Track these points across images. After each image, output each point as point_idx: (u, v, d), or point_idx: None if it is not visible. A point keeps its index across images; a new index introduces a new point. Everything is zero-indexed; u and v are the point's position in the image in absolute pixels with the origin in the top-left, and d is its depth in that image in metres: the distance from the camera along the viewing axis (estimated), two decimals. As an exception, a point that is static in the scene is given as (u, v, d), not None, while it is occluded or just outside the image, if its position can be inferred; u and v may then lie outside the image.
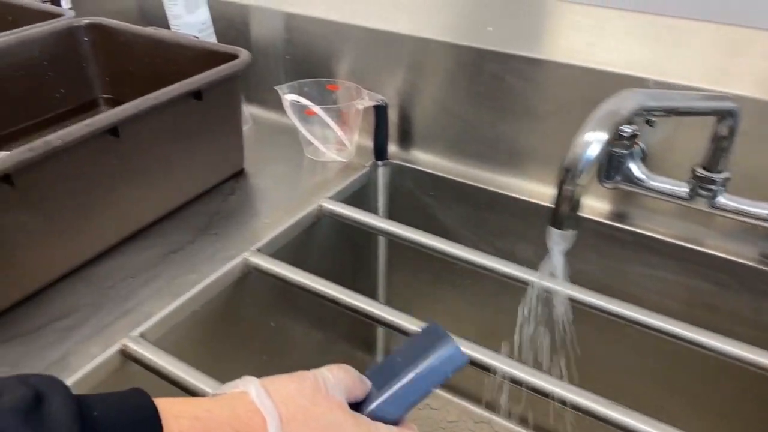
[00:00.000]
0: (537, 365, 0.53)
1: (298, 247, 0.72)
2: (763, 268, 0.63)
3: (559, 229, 0.39)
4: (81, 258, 0.61)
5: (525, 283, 0.58)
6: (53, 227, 0.57)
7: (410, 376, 0.39)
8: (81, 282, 0.60)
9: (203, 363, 0.52)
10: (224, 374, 0.52)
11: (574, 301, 0.57)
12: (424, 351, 0.39)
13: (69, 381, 0.50)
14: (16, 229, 0.54)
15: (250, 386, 0.35)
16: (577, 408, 0.50)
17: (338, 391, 0.38)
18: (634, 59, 0.63)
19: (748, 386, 0.68)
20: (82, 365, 0.51)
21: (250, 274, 0.64)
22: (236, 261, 0.62)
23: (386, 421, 0.39)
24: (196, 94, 0.66)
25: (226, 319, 0.65)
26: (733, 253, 0.64)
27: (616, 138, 0.60)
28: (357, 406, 0.39)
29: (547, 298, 0.49)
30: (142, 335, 0.54)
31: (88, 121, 0.56)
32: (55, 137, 0.54)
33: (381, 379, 0.40)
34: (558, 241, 0.40)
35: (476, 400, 0.94)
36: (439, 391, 0.96)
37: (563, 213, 0.38)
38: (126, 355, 0.53)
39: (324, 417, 0.36)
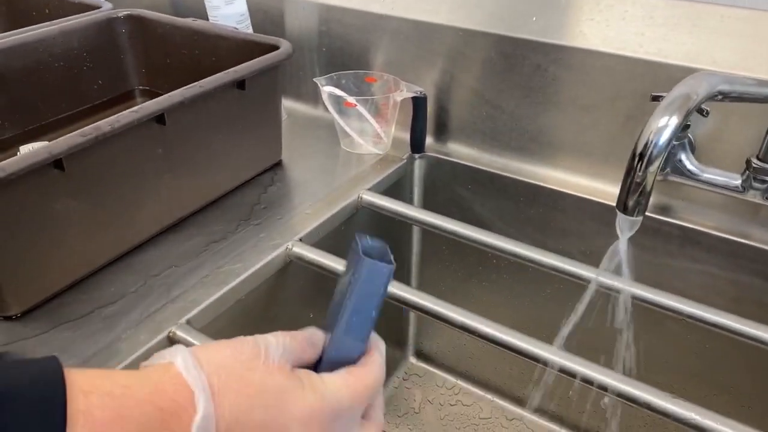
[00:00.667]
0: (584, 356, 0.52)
1: (337, 237, 0.72)
2: (816, 263, 0.62)
3: (628, 215, 0.38)
4: (126, 246, 0.61)
5: (577, 278, 0.57)
6: (100, 214, 0.57)
7: (346, 315, 0.37)
8: (126, 270, 0.60)
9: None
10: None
11: (637, 299, 0.56)
12: (351, 282, 0.37)
13: (118, 367, 0.50)
14: (65, 214, 0.54)
15: (177, 355, 0.31)
16: (622, 397, 0.49)
17: (280, 355, 0.34)
18: (685, 49, 0.62)
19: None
20: (131, 351, 0.51)
21: (292, 264, 0.64)
22: (279, 250, 0.62)
23: (345, 364, 0.37)
24: (240, 84, 0.66)
25: (268, 308, 0.64)
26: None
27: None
28: (315, 366, 0.38)
29: (608, 290, 0.48)
30: (189, 322, 0.54)
31: (135, 108, 0.56)
32: (105, 123, 0.54)
33: (329, 328, 0.39)
34: (626, 227, 0.39)
35: (509, 396, 0.93)
36: (472, 388, 0.95)
37: (633, 199, 0.37)
38: (173, 342, 0.52)
39: (262, 383, 0.32)
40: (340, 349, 0.37)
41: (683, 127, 0.58)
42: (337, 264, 0.62)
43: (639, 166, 0.36)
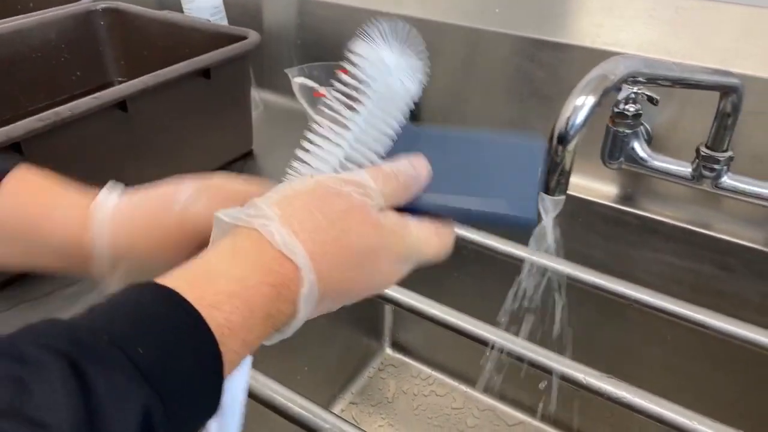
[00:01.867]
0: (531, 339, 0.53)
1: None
2: (771, 251, 0.62)
3: (550, 195, 0.39)
4: (89, 230, 0.63)
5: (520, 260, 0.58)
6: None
7: (469, 207, 0.33)
8: (89, 253, 0.61)
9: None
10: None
11: (571, 279, 0.57)
12: (498, 194, 0.32)
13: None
14: (26, 198, 0.56)
15: (271, 228, 0.30)
16: (570, 382, 0.50)
17: (375, 206, 0.32)
18: (643, 40, 0.63)
19: (749, 370, 0.67)
20: (85, 329, 0.52)
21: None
22: (240, 236, 0.63)
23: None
24: (205, 73, 0.67)
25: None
26: (740, 236, 0.63)
27: (619, 117, 0.60)
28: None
29: (543, 270, 0.49)
30: (145, 303, 0.55)
31: (97, 94, 0.58)
32: (65, 108, 0.55)
33: (442, 171, 0.33)
34: (550, 207, 0.40)
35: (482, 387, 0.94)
36: (446, 379, 0.96)
37: (553, 179, 0.38)
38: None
39: (358, 245, 0.31)
40: (443, 212, 0.34)
41: (634, 116, 0.59)
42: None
43: (558, 146, 0.37)
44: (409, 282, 0.93)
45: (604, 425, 0.83)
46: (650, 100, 0.57)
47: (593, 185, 0.71)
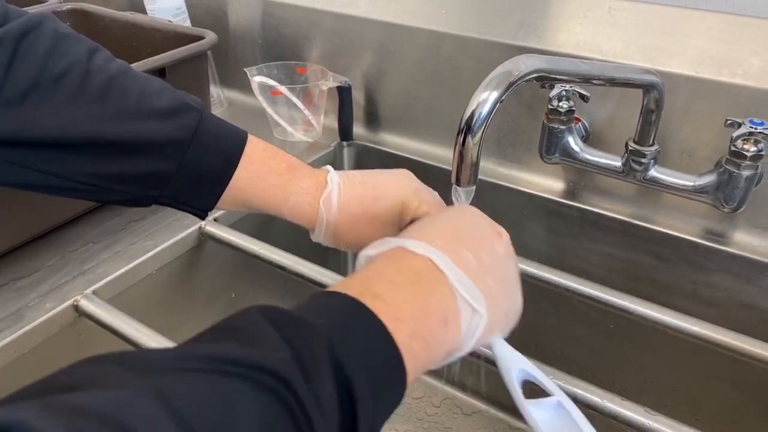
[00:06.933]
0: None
1: (263, 221, 0.75)
2: (702, 242, 0.65)
3: (461, 186, 0.41)
4: (48, 224, 0.65)
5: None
6: (18, 194, 0.61)
7: None
8: (46, 246, 0.63)
9: (163, 325, 0.55)
10: (184, 337, 0.54)
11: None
12: None
13: (22, 331, 0.53)
14: (-19, 192, 0.58)
15: (437, 260, 0.35)
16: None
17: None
18: (576, 39, 0.65)
19: (689, 357, 0.70)
20: (35, 317, 0.54)
21: (207, 243, 0.68)
22: (191, 229, 0.66)
23: None
24: (161, 72, 0.69)
25: (185, 286, 0.68)
26: (674, 228, 0.66)
27: (553, 114, 0.62)
28: None
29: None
30: (95, 293, 0.57)
31: (50, 93, 0.60)
32: (18, 107, 0.57)
33: None
34: (464, 197, 0.42)
35: (435, 373, 0.96)
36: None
37: (463, 170, 0.41)
38: (78, 311, 0.56)
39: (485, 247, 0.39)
40: None
41: (567, 112, 0.62)
42: (250, 244, 0.65)
43: (464, 139, 0.39)
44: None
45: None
46: (581, 97, 0.59)
47: (537, 180, 0.73)
